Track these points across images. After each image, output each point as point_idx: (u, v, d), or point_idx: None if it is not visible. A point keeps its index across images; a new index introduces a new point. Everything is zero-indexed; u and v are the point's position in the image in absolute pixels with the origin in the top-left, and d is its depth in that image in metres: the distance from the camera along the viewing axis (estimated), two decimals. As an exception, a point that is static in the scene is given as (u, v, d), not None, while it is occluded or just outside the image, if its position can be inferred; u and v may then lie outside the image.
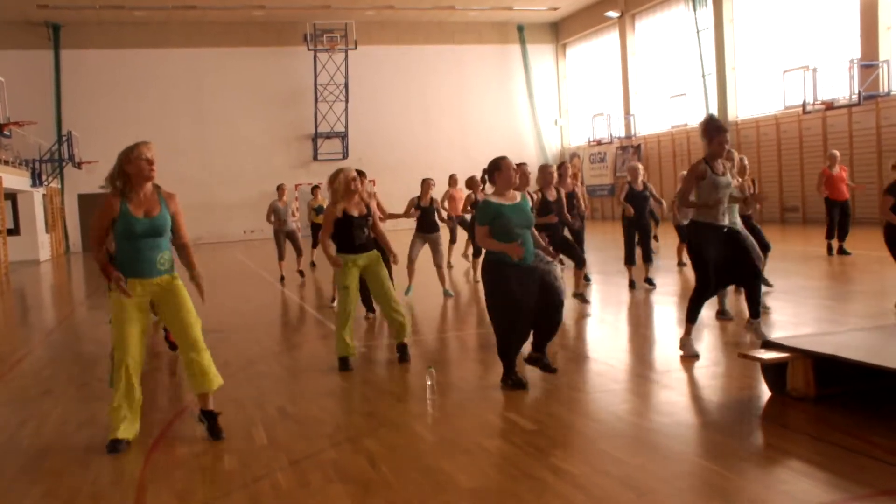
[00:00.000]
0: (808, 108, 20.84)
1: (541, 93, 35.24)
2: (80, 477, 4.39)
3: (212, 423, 4.98)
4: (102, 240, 4.86)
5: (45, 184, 26.67)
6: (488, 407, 5.42)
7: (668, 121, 27.94)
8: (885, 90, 19.60)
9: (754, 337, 6.67)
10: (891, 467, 3.90)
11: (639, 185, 10.87)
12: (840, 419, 4.64)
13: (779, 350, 5.17)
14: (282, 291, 13.21)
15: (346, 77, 31.62)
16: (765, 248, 8.67)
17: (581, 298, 9.31)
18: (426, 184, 11.08)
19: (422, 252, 11.18)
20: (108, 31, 30.06)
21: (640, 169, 11.15)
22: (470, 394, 5.79)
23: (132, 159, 4.73)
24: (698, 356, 6.48)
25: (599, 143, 31.89)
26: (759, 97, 24.30)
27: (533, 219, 5.86)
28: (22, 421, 5.63)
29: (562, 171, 10.17)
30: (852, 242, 13.57)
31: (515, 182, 5.80)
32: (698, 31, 25.94)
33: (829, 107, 20.50)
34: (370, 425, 5.12)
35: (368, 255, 6.85)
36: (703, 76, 25.99)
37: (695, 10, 26.02)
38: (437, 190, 11.67)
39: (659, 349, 7.12)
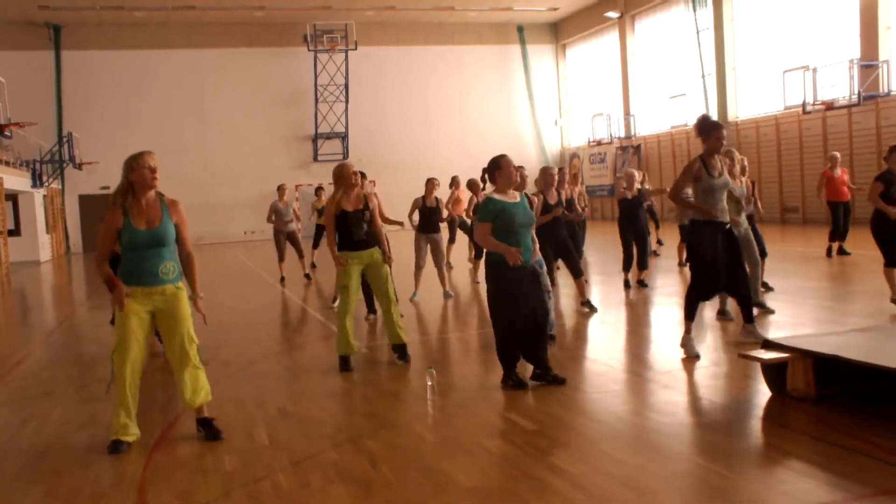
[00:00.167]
0: (808, 108, 20.84)
1: (541, 93, 35.24)
2: (81, 477, 4.39)
3: (209, 429, 5.02)
4: (107, 254, 4.85)
5: (46, 184, 26.68)
6: (489, 407, 5.43)
7: (667, 121, 27.94)
8: (885, 90, 19.60)
9: (750, 341, 6.64)
10: (891, 467, 3.91)
11: (634, 192, 11.01)
12: (840, 419, 4.64)
13: (779, 350, 5.18)
14: (282, 292, 13.21)
15: (347, 78, 31.62)
16: (762, 254, 8.72)
17: (588, 306, 9.19)
18: (430, 184, 11.05)
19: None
20: (108, 32, 30.08)
21: (636, 175, 11.27)
22: (470, 394, 5.80)
23: (135, 167, 4.78)
24: (699, 357, 6.50)
25: (599, 143, 31.90)
26: (759, 97, 24.30)
27: (534, 218, 5.88)
28: (22, 421, 5.64)
29: (560, 176, 10.19)
30: (852, 242, 13.56)
31: (516, 180, 5.83)
32: (698, 32, 25.95)
33: (829, 107, 20.50)
34: (371, 426, 5.13)
35: (370, 253, 6.82)
36: (703, 76, 26.00)
37: (694, 10, 26.03)
38: (441, 191, 11.64)
39: (659, 349, 7.13)
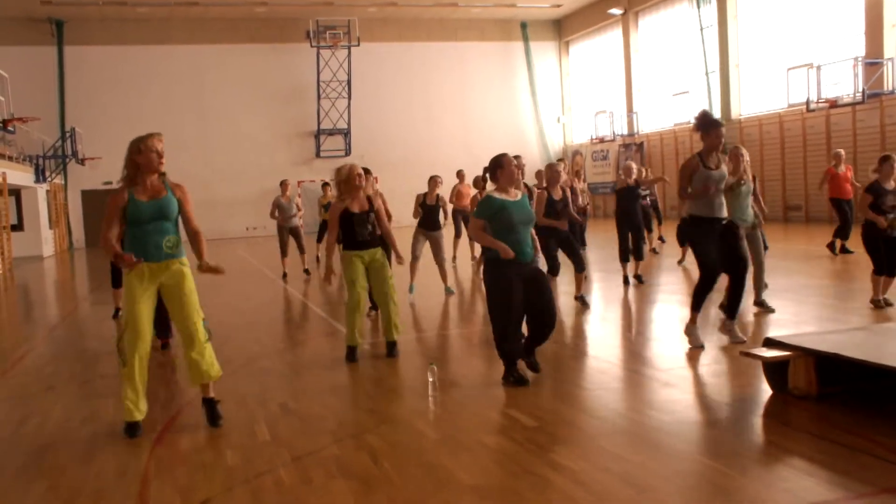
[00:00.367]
0: (812, 105, 20.79)
1: (543, 90, 35.20)
2: (83, 473, 4.40)
3: (211, 409, 5.14)
4: (111, 230, 4.88)
5: (49, 180, 26.72)
6: (490, 404, 5.43)
7: (671, 118, 27.90)
8: (890, 88, 19.55)
9: (730, 339, 6.74)
10: (893, 465, 3.90)
11: (631, 181, 11.25)
12: (842, 418, 4.64)
13: (780, 348, 5.17)
14: (284, 288, 13.22)
15: (349, 74, 31.61)
16: (763, 246, 8.74)
17: (582, 301, 9.31)
18: (433, 181, 11.07)
19: (425, 250, 11.16)
20: (110, 28, 30.09)
21: (633, 167, 11.41)
22: (471, 390, 5.80)
23: (142, 150, 4.85)
24: (703, 347, 6.58)
25: (602, 140, 31.87)
26: (763, 95, 24.25)
27: (533, 216, 5.89)
28: (24, 417, 5.65)
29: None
30: (855, 241, 13.54)
31: (517, 178, 5.85)
32: (702, 29, 25.90)
33: (833, 105, 20.45)
34: (372, 422, 5.13)
35: (372, 252, 6.95)
36: (707, 74, 25.95)
37: (698, 7, 25.97)
38: (444, 187, 11.65)
39: (660, 347, 7.12)
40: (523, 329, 5.92)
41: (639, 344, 7.48)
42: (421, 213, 10.92)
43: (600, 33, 32.86)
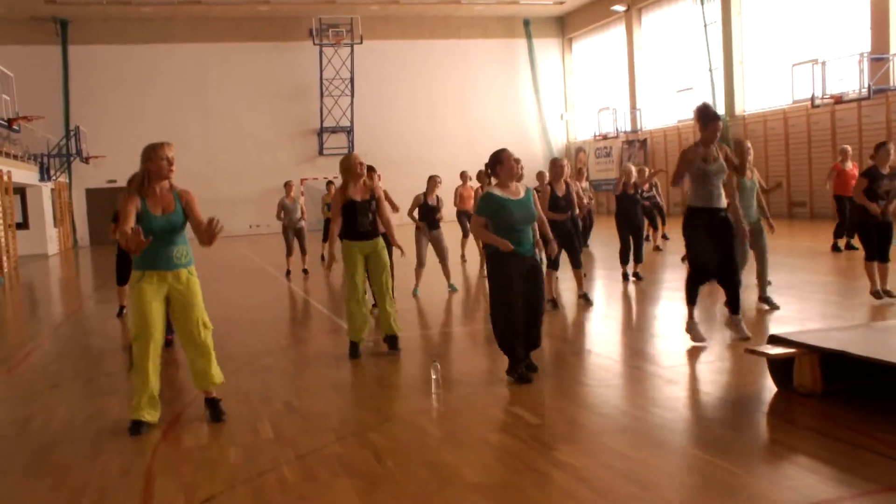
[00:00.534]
0: (817, 101, 20.71)
1: (547, 87, 35.17)
2: (88, 470, 4.41)
3: (213, 408, 5.29)
4: (128, 222, 4.90)
5: (54, 178, 26.76)
6: (493, 401, 5.43)
7: (674, 115, 27.85)
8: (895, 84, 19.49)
9: (735, 334, 6.76)
10: (897, 463, 3.89)
11: (630, 188, 11.35)
12: (846, 415, 4.63)
13: (785, 346, 5.16)
14: (288, 286, 13.23)
15: (352, 72, 31.61)
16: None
17: (585, 299, 9.34)
18: (432, 181, 11.09)
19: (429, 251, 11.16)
20: (114, 27, 30.14)
21: (633, 171, 11.58)
22: (474, 388, 5.80)
23: (153, 157, 5.02)
24: (705, 341, 6.63)
25: (605, 137, 31.83)
26: (767, 91, 24.18)
27: (535, 214, 5.91)
28: (30, 415, 5.66)
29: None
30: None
31: (517, 172, 5.88)
32: (705, 25, 25.84)
33: (839, 100, 20.38)
34: (376, 420, 5.13)
35: (372, 244, 7.01)
36: (711, 70, 25.89)
37: (702, 3, 25.91)
38: (444, 187, 11.66)
39: (663, 344, 7.11)
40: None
41: (642, 341, 7.46)
42: (419, 213, 10.96)
43: (603, 30, 32.81)
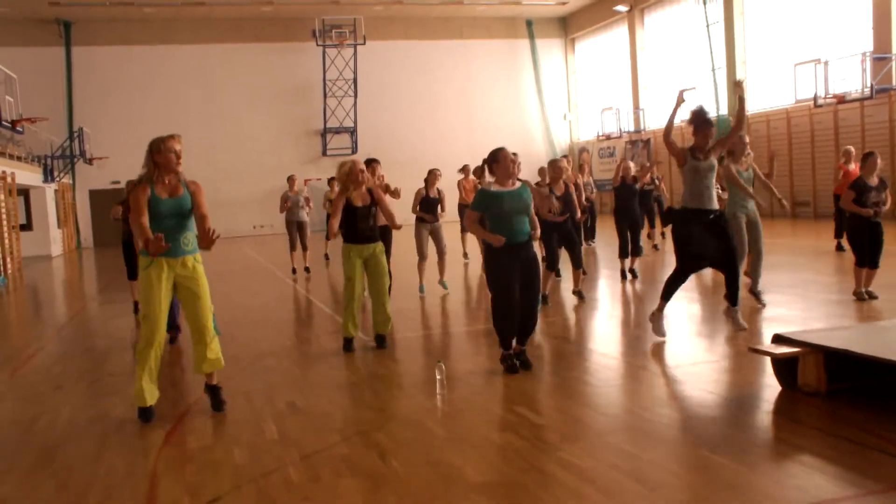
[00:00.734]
0: (820, 101, 20.68)
1: (550, 88, 35.15)
2: (93, 471, 4.42)
3: (214, 396, 5.48)
4: (142, 215, 5.08)
5: (57, 179, 26.80)
6: (497, 401, 5.43)
7: (677, 115, 27.74)
8: (898, 83, 19.46)
9: (732, 325, 6.93)
10: (903, 462, 3.89)
11: (630, 179, 11.63)
12: (852, 414, 4.62)
13: (790, 345, 5.15)
14: (292, 287, 13.23)
15: (355, 72, 31.62)
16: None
17: (579, 296, 9.53)
18: (432, 175, 11.15)
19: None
20: (117, 28, 30.18)
21: (631, 166, 11.86)
22: (479, 388, 5.80)
23: (162, 150, 5.13)
24: (664, 336, 6.91)
25: (609, 137, 31.81)
26: (770, 91, 24.15)
27: (529, 205, 6.07)
28: (34, 416, 5.67)
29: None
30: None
31: (514, 171, 6.07)
32: (708, 25, 25.82)
33: (841, 100, 20.35)
34: (380, 420, 5.13)
35: (371, 248, 7.22)
36: (713, 70, 25.86)
37: (704, 3, 25.88)
38: (445, 181, 11.69)
39: (669, 344, 7.10)
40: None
41: (645, 340, 7.45)
42: (420, 207, 11.01)
43: (606, 30, 32.79)
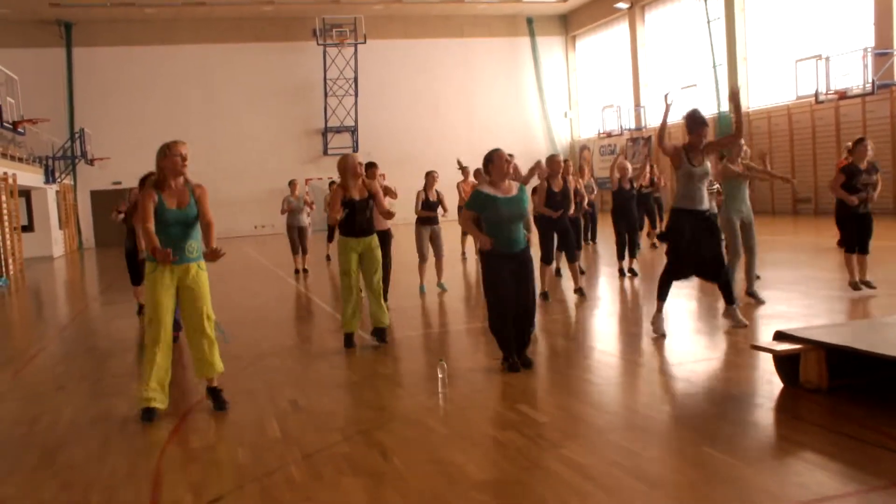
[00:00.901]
0: (821, 97, 20.68)
1: (550, 85, 35.14)
2: (96, 470, 4.42)
3: (216, 397, 5.55)
4: (150, 220, 5.23)
5: (59, 180, 26.83)
6: (499, 399, 5.43)
7: (678, 112, 27.70)
8: (899, 79, 19.44)
9: (731, 323, 7.00)
10: (905, 458, 3.88)
11: (626, 183, 11.75)
12: (854, 410, 4.62)
13: (791, 342, 5.15)
14: (293, 286, 13.24)
15: (356, 71, 31.62)
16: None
17: (580, 293, 9.62)
18: (430, 176, 11.22)
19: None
20: (118, 29, 30.20)
21: (628, 167, 11.99)
22: (481, 386, 5.80)
23: (168, 154, 5.31)
24: (665, 335, 6.91)
25: (609, 135, 31.80)
26: (771, 87, 24.14)
27: (525, 211, 6.09)
28: (37, 416, 5.67)
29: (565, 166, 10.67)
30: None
31: (508, 172, 6.10)
32: (709, 22, 25.80)
33: (843, 96, 20.33)
34: (382, 418, 5.14)
35: (368, 241, 7.32)
36: (714, 67, 25.85)
37: (705, 0, 25.85)
38: (445, 181, 11.75)
39: (669, 341, 7.09)
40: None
41: (645, 338, 7.45)
42: (421, 209, 11.06)
43: (607, 27, 32.77)
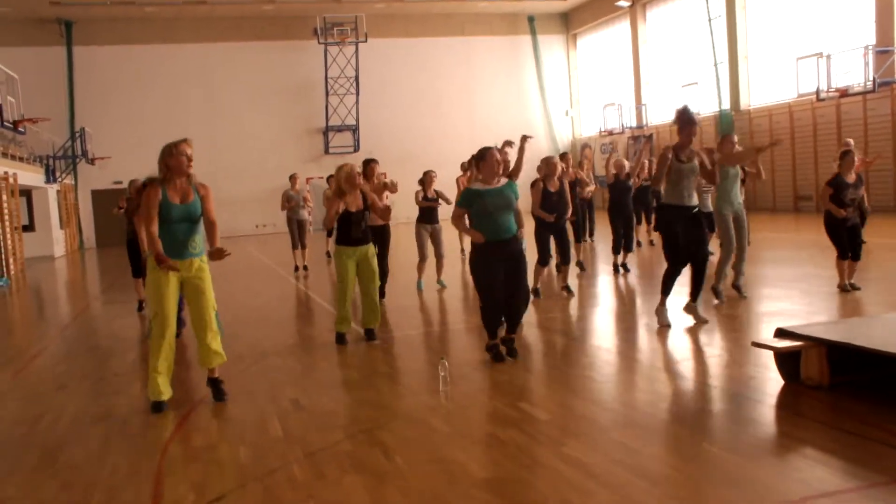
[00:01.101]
0: (822, 95, 20.66)
1: (552, 84, 35.11)
2: (97, 470, 4.42)
3: (216, 388, 5.70)
4: (153, 222, 5.34)
5: (59, 180, 26.82)
6: (500, 397, 5.43)
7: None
8: (900, 76, 19.41)
9: (693, 319, 7.30)
10: (906, 455, 3.88)
11: (623, 176, 12.01)
12: (854, 407, 4.62)
13: (792, 338, 5.15)
14: (294, 285, 13.24)
15: (357, 70, 31.61)
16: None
17: (567, 290, 9.74)
18: (428, 176, 11.28)
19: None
20: (118, 28, 30.19)
21: (625, 164, 12.23)
22: (481, 384, 5.80)
23: (173, 153, 5.39)
24: (670, 325, 7.16)
25: (611, 133, 31.77)
26: (772, 85, 24.11)
27: (513, 202, 6.24)
28: (38, 416, 5.68)
29: (563, 160, 10.90)
30: (867, 231, 13.44)
31: (498, 171, 6.25)
32: (710, 20, 25.77)
33: (844, 94, 20.31)
34: (384, 417, 5.14)
35: (364, 250, 7.53)
36: (716, 65, 25.82)
37: (706, -2, 25.84)
38: (443, 181, 11.81)
39: (670, 339, 7.10)
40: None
41: (646, 334, 7.45)
42: (419, 207, 11.14)
43: (608, 25, 32.74)
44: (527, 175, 9.77)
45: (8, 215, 19.08)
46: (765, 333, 6.37)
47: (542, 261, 9.50)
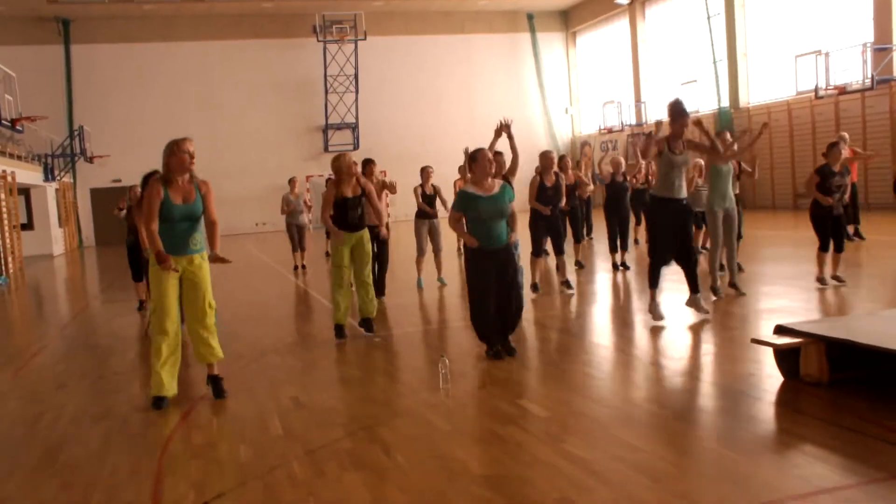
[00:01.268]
0: (821, 93, 20.65)
1: (551, 81, 35.11)
2: (97, 469, 4.42)
3: (216, 385, 5.72)
4: (154, 221, 5.38)
5: (58, 178, 26.80)
6: (501, 394, 5.44)
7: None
8: (899, 73, 19.41)
9: (694, 311, 7.35)
10: (905, 451, 3.89)
11: (620, 176, 12.09)
12: (854, 404, 4.62)
13: (791, 335, 5.16)
14: (294, 283, 13.25)
15: (356, 68, 31.59)
16: (738, 236, 9.07)
17: (566, 285, 9.78)
18: (426, 172, 11.32)
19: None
20: (117, 26, 30.16)
21: (622, 162, 12.32)
22: (481, 381, 5.80)
23: (176, 152, 5.45)
24: (663, 318, 7.23)
25: (610, 130, 31.78)
26: (771, 82, 24.12)
27: (506, 210, 6.30)
28: (38, 415, 5.68)
29: (562, 164, 10.96)
30: (867, 227, 13.48)
31: (491, 172, 6.32)
32: (709, 17, 25.77)
33: (842, 91, 20.31)
34: (384, 414, 5.14)
35: (359, 235, 7.61)
36: (715, 62, 25.83)
37: (705, -5, 25.83)
38: (442, 180, 11.82)
39: (669, 336, 7.10)
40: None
41: (645, 332, 7.46)
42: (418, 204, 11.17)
43: (607, 23, 32.74)
44: (526, 173, 9.82)
45: (6, 214, 19.07)
46: (764, 330, 6.37)
47: (536, 251, 9.65)
